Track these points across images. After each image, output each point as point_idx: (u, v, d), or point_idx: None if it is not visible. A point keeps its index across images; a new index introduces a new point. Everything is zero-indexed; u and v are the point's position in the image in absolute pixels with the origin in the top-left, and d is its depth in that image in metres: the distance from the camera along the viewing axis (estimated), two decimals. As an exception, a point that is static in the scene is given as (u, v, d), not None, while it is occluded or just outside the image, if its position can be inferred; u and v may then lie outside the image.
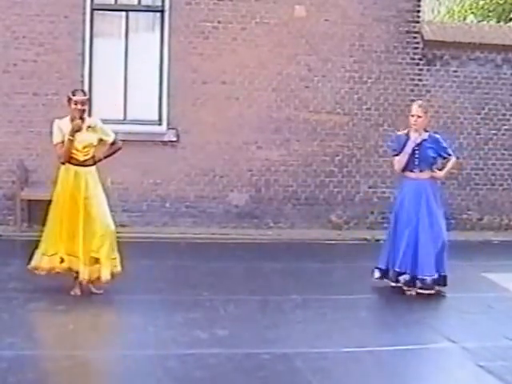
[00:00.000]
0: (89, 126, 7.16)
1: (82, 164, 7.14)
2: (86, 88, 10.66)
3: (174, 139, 10.85)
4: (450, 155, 7.89)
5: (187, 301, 7.16)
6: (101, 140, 7.25)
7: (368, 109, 11.33)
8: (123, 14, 10.91)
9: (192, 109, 10.82)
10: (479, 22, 17.19)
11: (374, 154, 11.38)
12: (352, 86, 11.25)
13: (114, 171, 10.14)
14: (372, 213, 11.40)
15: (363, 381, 5.52)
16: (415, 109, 7.77)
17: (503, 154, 11.77)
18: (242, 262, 9.00)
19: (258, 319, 6.74)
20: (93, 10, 10.70)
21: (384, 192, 11.39)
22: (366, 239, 10.71)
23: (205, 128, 10.86)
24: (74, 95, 7.07)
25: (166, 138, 10.84)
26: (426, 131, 7.81)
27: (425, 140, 7.72)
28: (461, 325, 6.94)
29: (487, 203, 11.69)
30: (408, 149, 7.67)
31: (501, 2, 17.82)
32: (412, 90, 11.39)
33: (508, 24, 15.58)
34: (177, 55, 10.83)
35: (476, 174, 11.64)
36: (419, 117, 7.71)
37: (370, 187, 11.39)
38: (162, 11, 10.87)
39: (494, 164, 11.73)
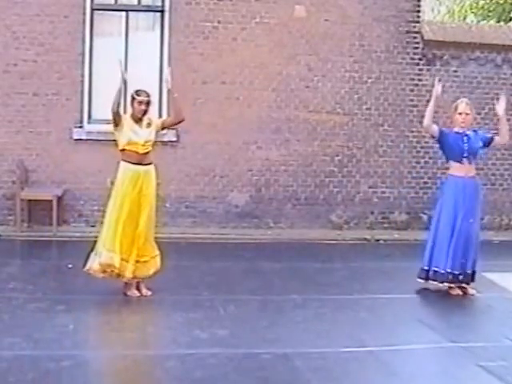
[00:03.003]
0: (148, 123, 7.27)
1: (141, 162, 7.17)
2: (86, 88, 10.70)
3: (174, 139, 10.85)
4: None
5: (187, 301, 7.16)
6: (162, 128, 7.52)
7: (368, 109, 11.33)
8: (123, 13, 10.92)
9: (192, 109, 10.79)
10: (479, 22, 17.19)
11: (374, 154, 11.39)
12: (352, 85, 11.26)
13: (114, 171, 10.13)
14: (372, 213, 11.41)
15: (363, 381, 5.52)
16: (463, 107, 7.71)
17: (503, 154, 11.76)
18: (241, 262, 9.00)
19: (258, 319, 6.74)
20: (93, 9, 10.71)
21: (384, 192, 11.40)
22: (366, 239, 10.72)
23: (205, 128, 10.87)
24: (138, 95, 7.18)
25: (165, 138, 10.82)
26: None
27: (470, 133, 7.74)
28: (461, 325, 6.93)
29: (487, 203, 11.62)
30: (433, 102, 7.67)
31: (501, 2, 17.82)
32: (412, 90, 11.40)
33: (508, 24, 15.59)
34: (177, 55, 10.83)
35: (476, 174, 11.61)
36: (467, 114, 7.69)
37: (370, 187, 11.39)
38: (162, 11, 10.88)
39: (494, 164, 11.73)
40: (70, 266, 8.30)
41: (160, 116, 10.82)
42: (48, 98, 10.55)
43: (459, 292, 7.65)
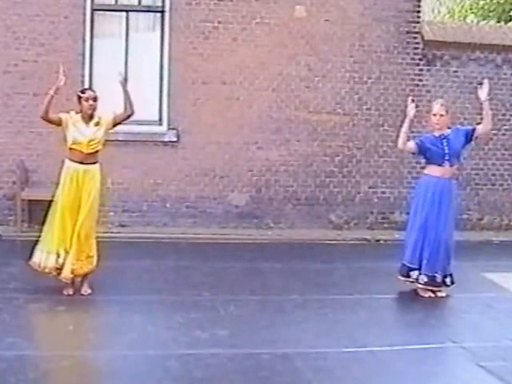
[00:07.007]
0: (97, 122, 7.27)
1: (83, 161, 7.16)
2: (86, 88, 10.69)
3: (175, 139, 10.86)
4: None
5: (187, 301, 7.17)
6: (114, 124, 7.41)
7: (368, 109, 11.33)
8: (123, 14, 10.92)
9: (192, 109, 10.83)
10: (479, 22, 17.19)
11: (374, 154, 11.39)
12: (352, 86, 11.26)
13: (114, 171, 10.16)
14: (372, 213, 11.41)
15: (363, 381, 5.52)
16: (438, 108, 7.70)
17: (503, 154, 11.77)
18: (241, 262, 9.00)
19: (258, 319, 6.75)
20: (93, 10, 10.71)
21: (384, 192, 11.40)
22: (366, 239, 10.72)
23: (205, 128, 10.87)
24: (83, 93, 7.33)
25: (166, 139, 10.85)
26: (449, 128, 7.77)
27: (449, 134, 7.68)
28: (461, 325, 6.95)
29: (487, 203, 11.69)
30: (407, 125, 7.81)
31: (501, 2, 17.82)
32: (412, 90, 11.39)
33: (508, 24, 15.59)
34: (177, 55, 10.83)
35: (476, 174, 11.64)
36: (441, 115, 7.66)
37: (370, 187, 11.40)
38: (163, 11, 10.88)
39: (494, 164, 11.74)
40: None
41: (160, 116, 10.88)
42: (48, 99, 10.54)
43: (431, 294, 7.64)
